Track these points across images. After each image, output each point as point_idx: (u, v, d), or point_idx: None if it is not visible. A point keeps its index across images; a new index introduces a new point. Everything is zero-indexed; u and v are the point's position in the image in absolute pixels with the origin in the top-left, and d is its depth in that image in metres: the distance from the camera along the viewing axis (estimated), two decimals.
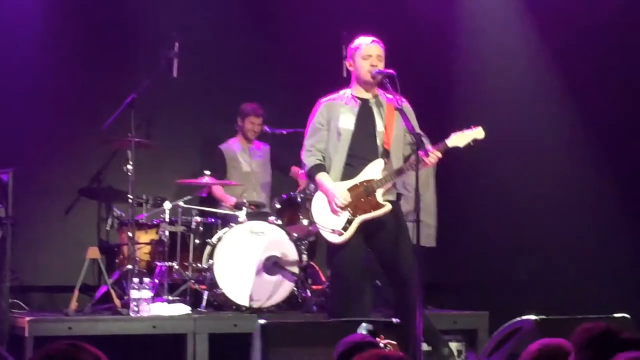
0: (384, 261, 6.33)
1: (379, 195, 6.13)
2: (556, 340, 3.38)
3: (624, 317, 5.48)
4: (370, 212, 6.13)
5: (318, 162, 6.24)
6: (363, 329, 4.55)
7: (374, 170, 6.18)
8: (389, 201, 6.18)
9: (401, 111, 6.11)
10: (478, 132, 6.15)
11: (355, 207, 6.11)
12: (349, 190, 6.12)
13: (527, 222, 8.83)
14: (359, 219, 6.10)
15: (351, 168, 6.17)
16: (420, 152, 5.85)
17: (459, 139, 6.12)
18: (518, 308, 6.41)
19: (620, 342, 3.17)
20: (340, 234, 6.10)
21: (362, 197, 6.12)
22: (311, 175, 6.28)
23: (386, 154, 6.21)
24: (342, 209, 6.08)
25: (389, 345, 4.23)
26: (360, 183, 6.15)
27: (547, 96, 8.64)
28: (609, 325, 3.40)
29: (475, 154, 6.54)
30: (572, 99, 8.45)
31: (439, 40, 9.14)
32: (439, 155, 6.00)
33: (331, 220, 6.16)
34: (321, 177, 6.17)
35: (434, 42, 9.16)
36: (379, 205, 6.13)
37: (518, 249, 8.81)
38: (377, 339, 4.16)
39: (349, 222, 6.11)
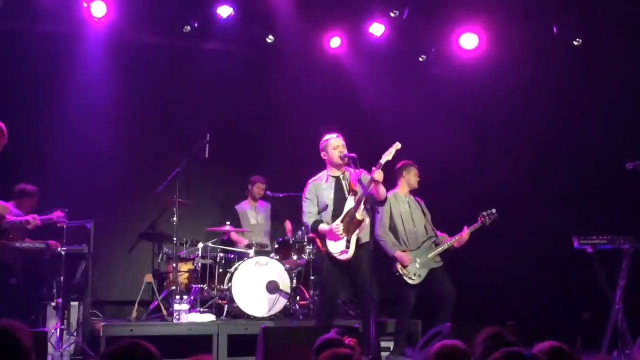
0: (355, 286, 6.33)
1: (357, 215, 6.19)
2: (452, 341, 3.32)
3: (512, 324, 5.51)
4: (357, 228, 6.19)
5: (316, 219, 6.32)
6: None
7: (349, 204, 6.26)
8: (364, 217, 6.21)
9: (359, 181, 6.21)
10: (396, 145, 6.19)
11: (347, 231, 6.18)
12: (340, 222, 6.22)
13: (450, 253, 8.86)
14: (354, 237, 6.18)
15: (335, 221, 6.27)
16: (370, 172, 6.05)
17: (387, 156, 6.15)
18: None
19: (504, 341, 3.24)
20: (346, 252, 6.17)
21: (349, 222, 6.19)
22: (314, 228, 6.31)
23: (354, 193, 6.28)
24: (341, 234, 6.16)
25: (352, 342, 4.16)
26: (344, 215, 6.22)
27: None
28: (500, 329, 3.45)
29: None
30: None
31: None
32: (381, 173, 6.04)
33: (337, 246, 6.20)
34: (322, 226, 6.26)
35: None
36: (359, 221, 6.19)
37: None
38: (344, 338, 4.14)
39: (348, 241, 6.18)
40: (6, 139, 6.12)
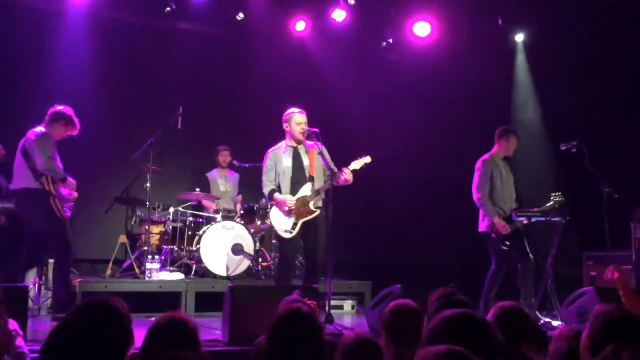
0: (307, 249, 6.26)
1: (311, 204, 6.10)
2: (405, 300, 3.38)
3: (453, 286, 5.54)
4: (307, 216, 6.08)
5: (273, 187, 6.18)
6: None
7: (306, 189, 6.13)
8: (318, 207, 6.16)
9: (321, 153, 6.17)
10: (367, 159, 6.09)
11: (297, 214, 6.07)
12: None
13: (398, 222, 8.95)
14: (301, 221, 6.07)
15: (293, 190, 6.15)
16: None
17: (356, 164, 6.06)
18: (391, 279, 6.52)
19: (455, 300, 3.25)
20: (290, 232, 6.07)
21: (301, 208, 6.08)
22: (271, 196, 6.17)
23: (312, 179, 6.19)
24: (290, 212, 6.06)
25: (313, 305, 4.14)
26: (298, 199, 6.11)
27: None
28: (451, 289, 3.47)
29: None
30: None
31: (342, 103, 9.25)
32: (350, 175, 5.96)
33: (283, 223, 6.10)
34: (276, 195, 6.12)
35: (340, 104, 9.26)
36: (312, 211, 6.08)
37: (392, 239, 8.92)
38: (305, 299, 4.13)
39: (295, 224, 6.07)
40: (77, 130, 6.25)
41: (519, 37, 8.88)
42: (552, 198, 6.51)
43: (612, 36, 7.79)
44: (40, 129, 6.10)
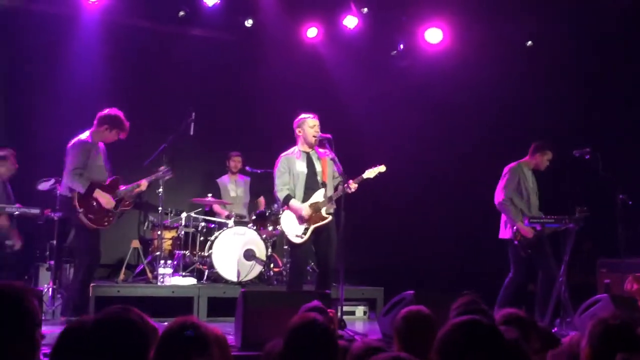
0: (319, 255, 6.30)
1: (324, 211, 6.13)
2: (417, 306, 3.38)
3: (468, 293, 5.50)
4: (319, 222, 6.11)
5: (289, 193, 6.17)
6: None
7: (319, 195, 6.17)
8: (330, 214, 6.18)
9: (334, 160, 6.18)
10: (382, 168, 6.14)
11: (309, 220, 6.11)
12: None
13: (409, 226, 8.92)
14: (313, 227, 6.09)
15: (306, 195, 6.18)
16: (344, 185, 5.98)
17: (370, 173, 6.11)
18: (402, 282, 6.51)
19: (477, 308, 3.24)
20: (301, 237, 6.10)
21: (313, 213, 6.11)
22: (286, 201, 6.16)
23: (324, 185, 6.21)
24: (304, 219, 6.08)
25: (331, 314, 4.07)
26: (311, 204, 6.14)
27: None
28: (473, 297, 3.46)
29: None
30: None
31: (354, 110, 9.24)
32: (356, 185, 6.01)
33: (294, 228, 6.13)
34: (293, 202, 6.12)
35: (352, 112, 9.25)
36: (324, 218, 6.12)
37: (404, 246, 8.89)
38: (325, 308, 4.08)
39: (306, 229, 6.10)
40: (126, 133, 6.47)
41: (529, 43, 8.84)
42: (577, 212, 6.43)
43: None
44: (83, 136, 6.24)
